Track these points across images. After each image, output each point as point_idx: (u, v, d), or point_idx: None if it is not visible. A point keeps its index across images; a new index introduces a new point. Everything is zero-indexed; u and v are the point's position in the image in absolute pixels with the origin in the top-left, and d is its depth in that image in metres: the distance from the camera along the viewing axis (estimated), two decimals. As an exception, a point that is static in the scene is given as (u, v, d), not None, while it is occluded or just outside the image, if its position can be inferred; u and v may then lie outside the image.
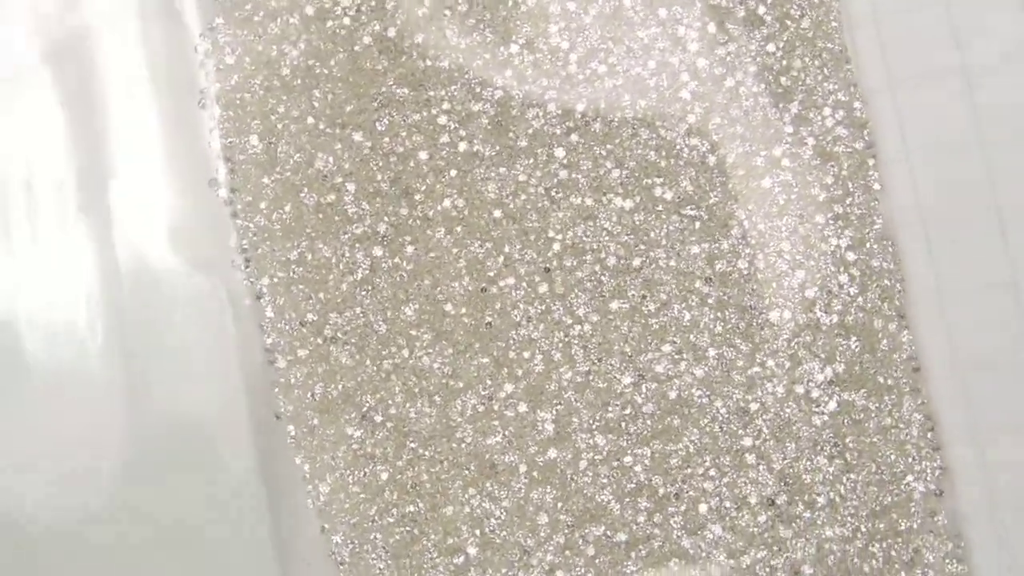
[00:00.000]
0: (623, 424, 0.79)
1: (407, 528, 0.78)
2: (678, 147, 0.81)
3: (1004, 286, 0.81)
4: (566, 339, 0.79)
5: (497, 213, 0.80)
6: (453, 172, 0.80)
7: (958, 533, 0.79)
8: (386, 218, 0.80)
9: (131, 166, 0.81)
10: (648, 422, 0.79)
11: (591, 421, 0.79)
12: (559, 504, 0.78)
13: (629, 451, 0.79)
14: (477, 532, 0.78)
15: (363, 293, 0.79)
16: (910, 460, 0.79)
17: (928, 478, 0.79)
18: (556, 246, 0.80)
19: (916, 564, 0.78)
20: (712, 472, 0.78)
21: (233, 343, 0.80)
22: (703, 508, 0.78)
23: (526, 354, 0.79)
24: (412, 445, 0.79)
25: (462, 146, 0.80)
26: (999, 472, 0.80)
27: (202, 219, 0.81)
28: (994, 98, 0.82)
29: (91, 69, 0.82)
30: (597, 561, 0.78)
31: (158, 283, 0.80)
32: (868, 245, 0.81)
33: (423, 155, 0.80)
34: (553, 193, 0.80)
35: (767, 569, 0.78)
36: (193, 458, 0.80)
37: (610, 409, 0.79)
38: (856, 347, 0.80)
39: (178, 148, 0.81)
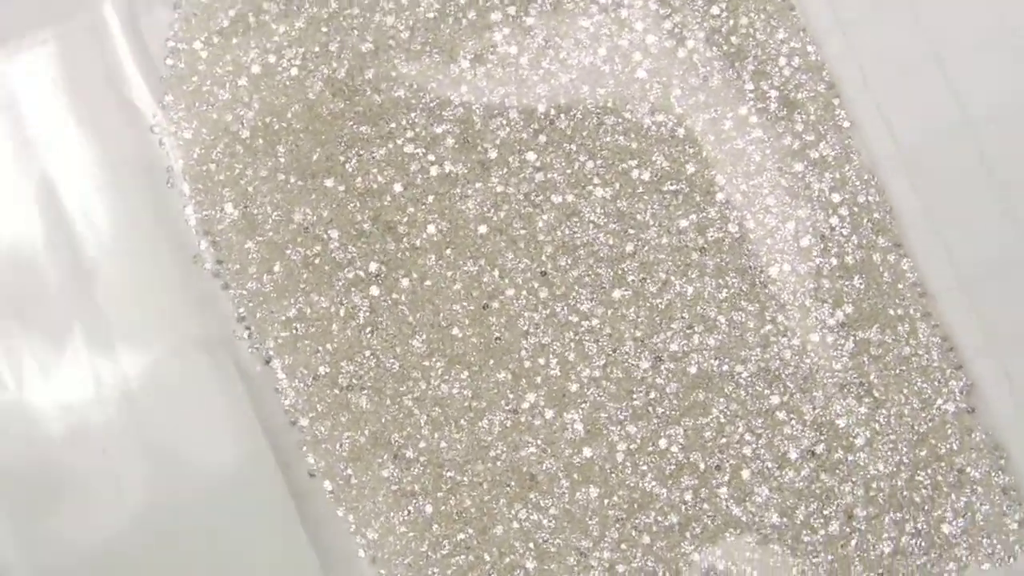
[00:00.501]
0: (650, 408, 0.79)
1: (462, 556, 0.78)
2: (645, 126, 0.81)
3: (989, 194, 0.82)
4: (576, 337, 0.79)
5: (483, 228, 0.80)
6: (431, 198, 0.80)
7: (997, 445, 0.80)
8: (375, 257, 0.80)
9: (113, 259, 0.81)
10: (674, 401, 0.79)
11: (618, 412, 0.79)
12: (605, 500, 0.78)
13: (662, 434, 0.79)
14: (531, 545, 0.78)
15: (369, 335, 0.79)
16: (936, 383, 0.79)
17: (957, 397, 0.80)
18: (548, 248, 0.80)
19: (963, 483, 0.79)
20: (748, 437, 0.79)
21: (252, 413, 0.79)
22: (746, 474, 0.79)
23: (541, 360, 0.79)
24: (449, 474, 0.78)
25: (434, 170, 0.80)
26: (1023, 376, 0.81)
27: (194, 297, 0.80)
28: (940, 13, 0.82)
29: (54, 170, 0.82)
30: (654, 548, 0.78)
31: (164, 371, 0.80)
32: (851, 183, 0.81)
33: (398, 187, 0.80)
34: (533, 197, 0.80)
35: (820, 520, 0.78)
36: (236, 533, 0.79)
37: (635, 396, 0.79)
38: (861, 285, 0.80)
39: (156, 232, 0.81)
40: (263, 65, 0.81)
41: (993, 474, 0.79)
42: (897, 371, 0.79)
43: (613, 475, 0.79)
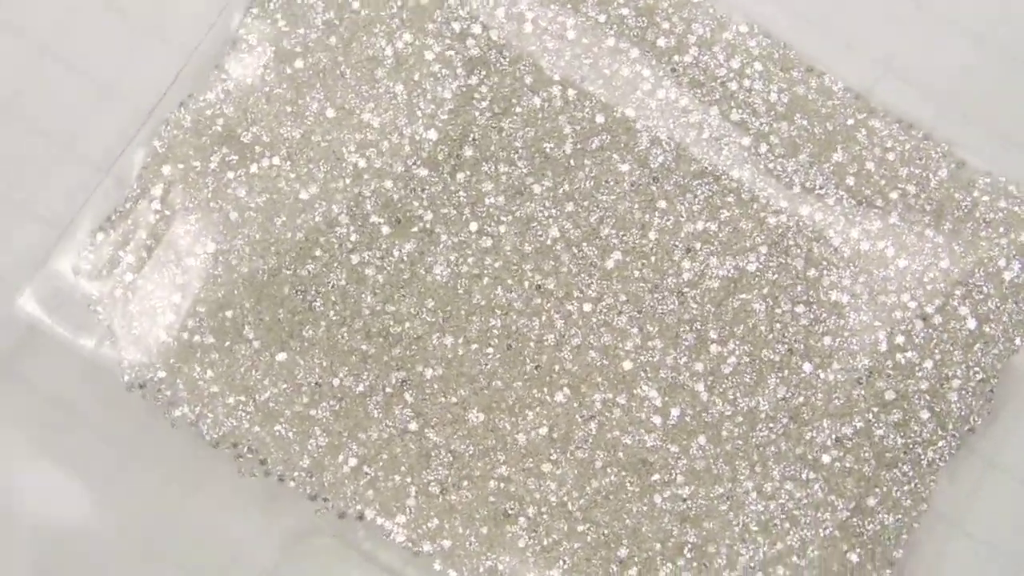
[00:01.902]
0: (702, 338, 0.79)
1: (634, 568, 0.78)
2: (538, 108, 0.81)
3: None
4: (601, 321, 0.80)
5: (462, 284, 0.80)
6: (402, 287, 0.80)
7: (999, 185, 0.81)
8: (390, 368, 0.79)
9: (168, 520, 0.80)
10: (718, 319, 0.80)
11: (678, 359, 0.79)
12: (716, 440, 0.79)
13: (726, 354, 0.79)
14: (681, 521, 0.78)
15: (429, 436, 0.79)
16: (920, 161, 0.81)
17: (943, 163, 0.81)
18: (528, 264, 0.80)
19: (996, 225, 0.80)
20: (797, 309, 0.80)
21: (376, 569, 0.79)
22: (821, 341, 0.79)
23: (585, 360, 0.79)
24: (575, 507, 0.78)
25: (387, 262, 0.80)
26: (986, 117, 0.83)
27: (262, 506, 0.80)
28: None
29: (63, 477, 0.81)
30: (784, 453, 0.79)
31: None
32: (738, 43, 0.82)
33: (368, 297, 0.80)
34: (487, 229, 0.80)
35: (903, 338, 0.79)
36: None
37: (682, 338, 0.79)
38: (804, 121, 0.81)
39: (186, 474, 0.80)
40: (184, 270, 0.80)
41: (1011, 204, 0.81)
42: (881, 173, 0.81)
43: (708, 415, 0.79)
